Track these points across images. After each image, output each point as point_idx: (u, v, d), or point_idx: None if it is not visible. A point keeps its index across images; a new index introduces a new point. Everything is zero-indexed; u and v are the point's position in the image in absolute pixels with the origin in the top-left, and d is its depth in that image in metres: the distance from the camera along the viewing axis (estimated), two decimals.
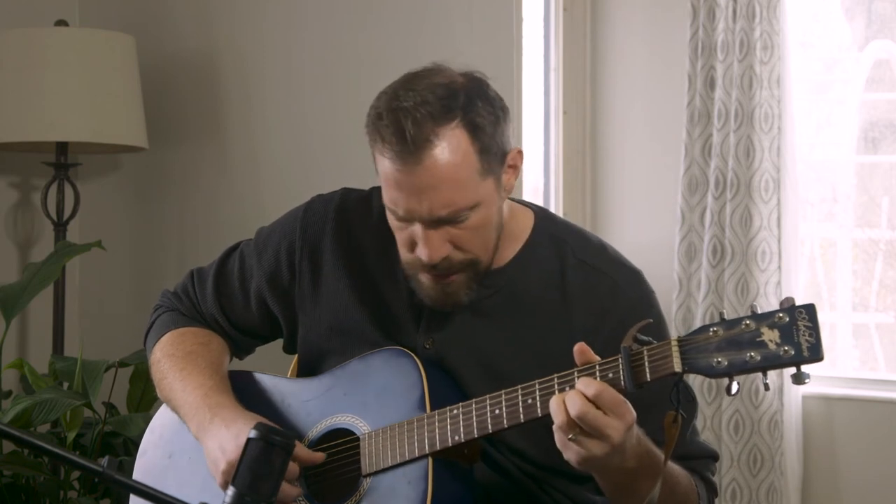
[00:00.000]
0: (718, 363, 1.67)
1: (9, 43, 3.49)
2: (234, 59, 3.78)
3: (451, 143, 1.87)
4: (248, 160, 3.76)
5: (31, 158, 3.74)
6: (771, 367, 1.66)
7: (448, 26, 3.49)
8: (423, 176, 1.86)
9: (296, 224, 2.14)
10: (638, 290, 2.02)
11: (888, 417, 3.26)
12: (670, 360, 1.70)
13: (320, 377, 2.08)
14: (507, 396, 1.84)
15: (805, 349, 1.63)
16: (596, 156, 3.70)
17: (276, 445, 1.66)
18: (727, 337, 1.67)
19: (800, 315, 1.64)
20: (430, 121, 1.86)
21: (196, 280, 2.22)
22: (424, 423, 1.90)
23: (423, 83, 1.91)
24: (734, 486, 3.30)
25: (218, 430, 1.98)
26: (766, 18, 3.26)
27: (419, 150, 1.86)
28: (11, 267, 3.77)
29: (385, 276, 2.07)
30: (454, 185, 1.87)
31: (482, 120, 1.89)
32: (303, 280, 2.11)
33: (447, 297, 1.96)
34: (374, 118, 1.93)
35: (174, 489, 2.08)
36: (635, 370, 1.72)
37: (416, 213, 1.89)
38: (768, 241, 3.28)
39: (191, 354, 2.12)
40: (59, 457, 1.59)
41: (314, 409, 2.04)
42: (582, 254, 2.03)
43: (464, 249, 1.92)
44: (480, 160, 1.89)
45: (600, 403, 1.71)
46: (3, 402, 3.30)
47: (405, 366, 1.97)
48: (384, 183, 1.92)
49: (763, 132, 3.28)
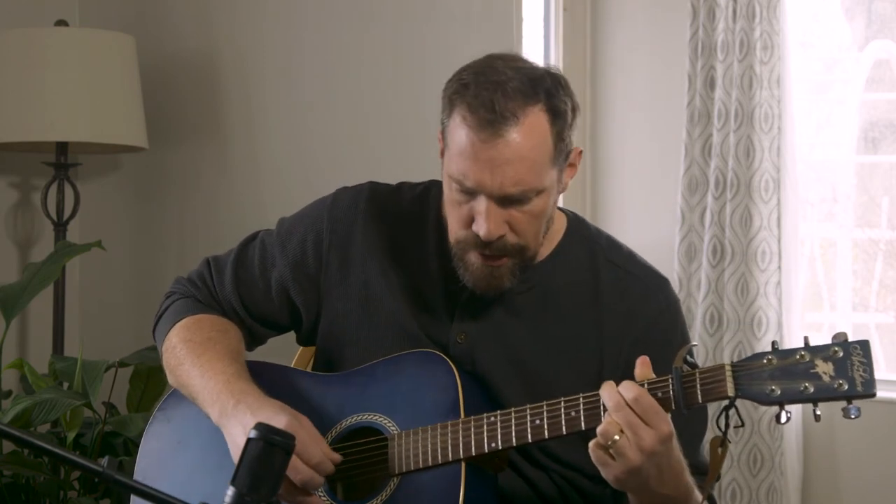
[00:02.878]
0: (772, 391, 1.71)
1: (9, 43, 3.49)
2: (234, 59, 3.78)
3: (534, 123, 1.89)
4: (248, 160, 3.76)
5: (31, 158, 3.74)
6: (824, 398, 1.70)
7: (448, 26, 3.49)
8: (502, 150, 1.87)
9: (323, 214, 2.13)
10: (666, 298, 2.04)
11: (888, 417, 3.26)
12: (724, 384, 1.72)
13: (346, 374, 2.06)
14: (548, 407, 1.84)
15: (859, 384, 1.69)
16: (596, 156, 3.70)
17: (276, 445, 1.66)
18: (781, 366, 1.71)
19: (854, 350, 1.70)
20: (519, 96, 1.89)
21: (213, 267, 2.19)
22: (459, 427, 1.90)
23: (510, 63, 1.94)
24: (734, 486, 3.29)
25: (243, 415, 1.94)
26: (766, 18, 3.26)
27: (504, 123, 1.87)
28: (11, 267, 3.77)
29: (418, 268, 2.07)
30: (529, 164, 1.89)
31: (564, 108, 1.93)
32: (330, 270, 2.10)
33: (492, 279, 1.95)
34: (460, 87, 1.92)
35: (183, 475, 2.06)
36: (687, 391, 1.74)
37: (485, 186, 1.89)
38: (768, 241, 3.28)
39: (209, 341, 2.09)
40: (59, 457, 1.59)
41: (338, 405, 2.02)
42: (614, 256, 2.05)
43: (518, 234, 1.93)
44: (554, 147, 1.92)
45: (637, 409, 1.73)
46: (3, 402, 3.30)
47: (439, 370, 1.96)
48: (457, 153, 1.91)
49: (763, 132, 3.28)
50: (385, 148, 3.55)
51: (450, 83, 1.95)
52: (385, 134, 3.56)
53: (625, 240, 2.15)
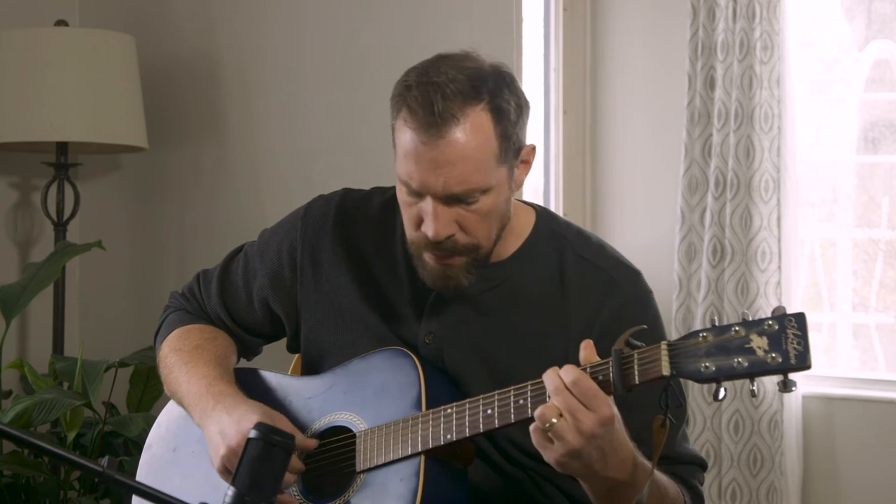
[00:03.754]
0: (706, 368, 1.68)
1: (9, 43, 3.49)
2: (234, 59, 3.78)
3: (476, 123, 1.90)
4: (248, 160, 3.76)
5: (31, 158, 3.74)
6: (758, 373, 1.66)
7: (448, 26, 3.49)
8: (444, 150, 1.89)
9: (297, 223, 2.16)
10: (634, 289, 2.03)
11: (888, 417, 3.26)
12: (659, 363, 1.71)
13: (322, 375, 2.10)
14: (499, 397, 1.85)
15: (793, 357, 1.64)
16: (596, 156, 3.70)
17: (276, 445, 1.66)
18: (716, 343, 1.68)
19: (789, 323, 1.65)
20: (459, 98, 1.89)
21: (202, 281, 2.26)
22: (419, 421, 1.92)
23: (454, 63, 1.94)
24: (734, 486, 3.29)
25: (220, 415, 2.00)
26: (766, 18, 3.26)
27: (444, 125, 1.88)
28: (11, 267, 3.77)
29: (386, 272, 2.09)
30: (472, 164, 1.90)
31: (507, 107, 1.93)
32: (305, 278, 2.13)
33: (448, 279, 1.97)
34: (403, 89, 1.95)
35: (177, 482, 2.10)
36: (625, 373, 1.73)
37: (430, 187, 1.91)
38: (768, 241, 3.28)
39: (197, 349, 2.16)
40: (59, 457, 1.60)
41: (315, 406, 2.06)
42: (582, 250, 2.05)
43: (468, 233, 1.94)
44: (499, 146, 1.92)
45: (575, 391, 1.73)
46: (3, 402, 3.30)
47: (404, 365, 1.98)
48: (402, 155, 1.94)
49: (763, 132, 3.28)
50: (385, 148, 3.53)
51: (397, 85, 1.97)
52: (385, 134, 3.54)
53: (625, 240, 2.15)
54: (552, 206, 3.64)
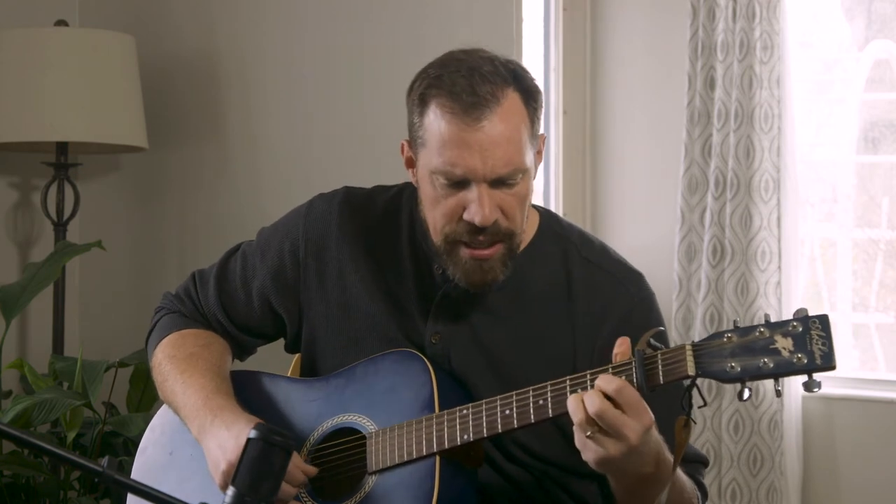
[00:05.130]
0: (732, 368, 1.70)
1: (9, 43, 3.49)
2: (234, 59, 3.78)
3: (512, 104, 1.91)
4: (248, 160, 3.76)
5: (31, 158, 3.74)
6: (784, 373, 1.69)
7: (448, 26, 3.49)
8: (489, 132, 1.89)
9: (299, 221, 2.15)
10: (639, 291, 2.04)
11: (888, 417, 3.26)
12: (684, 363, 1.72)
13: (327, 377, 2.08)
14: (518, 397, 1.85)
15: (818, 357, 1.68)
16: (596, 156, 3.70)
17: (276, 446, 1.66)
18: (741, 343, 1.71)
19: (813, 325, 1.70)
20: (497, 78, 1.91)
21: (198, 281, 2.22)
22: (433, 421, 1.91)
23: (474, 54, 1.95)
24: (734, 486, 3.30)
25: (218, 430, 1.98)
26: (766, 18, 3.26)
27: (487, 106, 1.89)
28: (11, 267, 3.77)
29: (392, 270, 2.08)
30: (514, 144, 1.91)
31: (533, 91, 1.95)
32: (308, 277, 2.12)
33: (485, 273, 1.95)
34: (432, 81, 1.93)
35: (174, 485, 2.08)
36: (649, 373, 1.74)
37: (477, 171, 1.90)
38: (768, 241, 3.28)
39: (192, 357, 2.13)
40: (59, 457, 1.59)
41: (320, 408, 2.05)
42: (586, 253, 2.06)
43: (509, 218, 1.94)
44: (531, 127, 1.94)
45: (620, 401, 1.72)
46: (3, 402, 3.30)
47: (415, 367, 1.97)
48: (439, 145, 1.91)
49: (763, 132, 3.28)
50: (385, 148, 3.54)
51: (416, 84, 1.96)
52: (385, 134, 3.55)
53: (625, 240, 2.16)
54: (552, 206, 3.64)
